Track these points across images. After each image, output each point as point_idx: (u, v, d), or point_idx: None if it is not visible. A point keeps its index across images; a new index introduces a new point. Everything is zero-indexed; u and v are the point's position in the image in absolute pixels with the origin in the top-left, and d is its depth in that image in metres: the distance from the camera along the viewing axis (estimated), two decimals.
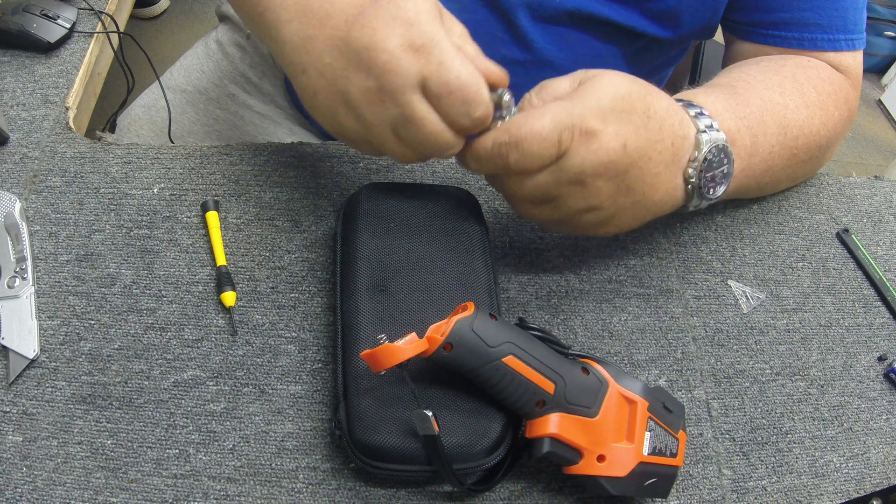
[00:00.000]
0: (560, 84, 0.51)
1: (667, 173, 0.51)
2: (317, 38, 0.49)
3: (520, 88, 0.52)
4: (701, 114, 0.54)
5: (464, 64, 0.46)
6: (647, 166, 0.50)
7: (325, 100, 0.49)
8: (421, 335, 0.46)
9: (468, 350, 0.45)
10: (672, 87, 1.16)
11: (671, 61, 0.80)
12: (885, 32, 2.45)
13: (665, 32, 0.69)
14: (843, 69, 0.68)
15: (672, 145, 0.51)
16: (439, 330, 0.46)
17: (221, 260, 0.58)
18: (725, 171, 0.54)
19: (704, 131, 0.52)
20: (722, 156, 0.53)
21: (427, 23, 0.46)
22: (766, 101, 0.59)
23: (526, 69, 0.71)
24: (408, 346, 0.45)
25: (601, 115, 0.47)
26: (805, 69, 0.65)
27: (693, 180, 0.52)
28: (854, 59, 0.68)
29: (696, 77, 1.00)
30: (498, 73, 0.48)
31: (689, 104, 0.54)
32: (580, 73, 0.51)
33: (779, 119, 0.59)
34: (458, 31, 0.49)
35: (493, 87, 0.48)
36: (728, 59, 0.74)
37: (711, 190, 0.54)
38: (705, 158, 0.52)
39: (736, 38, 0.72)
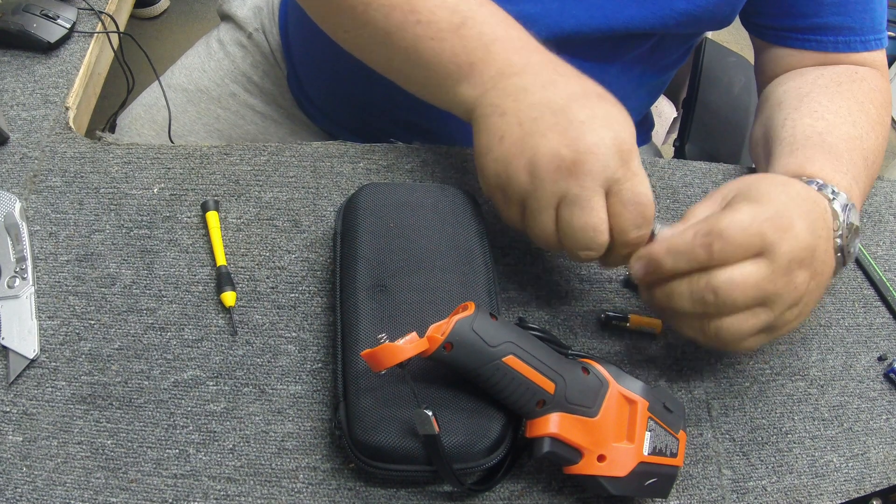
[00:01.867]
0: (704, 208, 0.53)
1: (828, 246, 0.53)
2: (531, 92, 0.52)
3: None
4: (821, 186, 0.56)
5: (649, 185, 0.50)
6: (822, 246, 0.52)
7: (509, 147, 0.51)
8: (421, 335, 0.46)
9: (468, 350, 0.45)
10: (673, 87, 1.16)
11: (676, 62, 0.80)
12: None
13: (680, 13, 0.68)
14: (874, 65, 0.70)
15: (824, 221, 0.53)
16: (440, 329, 0.46)
17: (221, 260, 0.58)
18: (855, 225, 0.56)
19: (833, 199, 0.54)
20: (850, 212, 0.55)
21: (632, 136, 0.50)
22: (849, 140, 0.61)
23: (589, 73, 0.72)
24: (408, 346, 0.45)
25: (790, 211, 0.50)
26: (857, 83, 0.67)
27: (840, 242, 0.54)
28: (881, 54, 0.71)
29: (696, 77, 1.00)
30: None
31: (806, 180, 0.56)
32: (721, 192, 0.53)
33: (861, 153, 0.62)
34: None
35: None
36: (762, 65, 0.76)
37: (852, 247, 0.56)
38: (844, 223, 0.54)
39: (770, 43, 0.73)
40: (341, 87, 0.79)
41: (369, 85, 0.74)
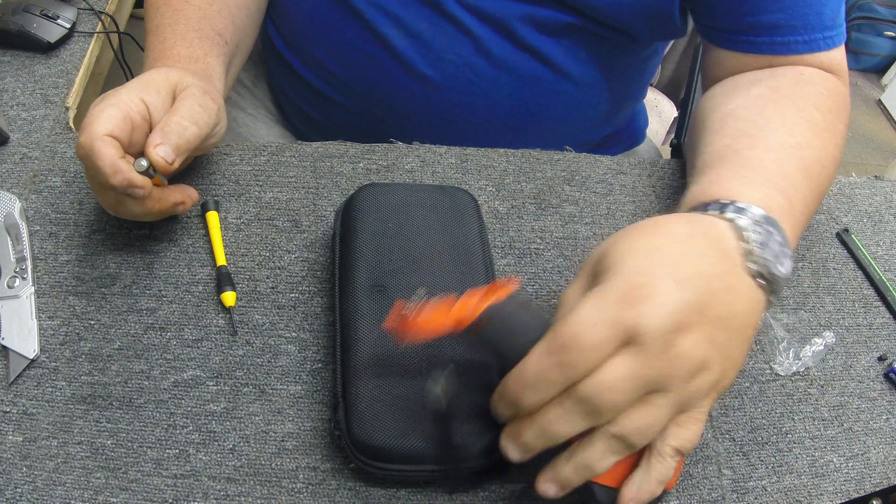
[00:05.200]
0: (574, 290, 0.46)
1: (733, 280, 0.44)
2: None
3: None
4: (722, 205, 0.48)
5: (90, 126, 0.50)
6: (719, 285, 0.43)
7: None
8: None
9: (510, 325, 0.44)
10: (674, 87, 1.16)
11: (647, 57, 0.80)
12: (885, 32, 2.45)
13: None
14: (831, 68, 0.63)
15: (720, 253, 0.45)
16: (477, 302, 0.44)
17: (221, 260, 0.58)
18: (780, 241, 0.46)
19: (736, 218, 0.46)
20: (768, 227, 0.47)
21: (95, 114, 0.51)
22: (779, 149, 0.54)
23: (547, 83, 0.72)
24: (448, 317, 0.44)
25: (650, 273, 0.42)
26: (800, 86, 0.60)
27: (756, 268, 0.45)
28: (839, 53, 0.63)
29: (694, 77, 1.00)
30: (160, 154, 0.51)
31: (703, 206, 0.50)
32: (589, 264, 0.46)
33: (798, 163, 0.54)
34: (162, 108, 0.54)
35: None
36: (706, 69, 0.71)
37: (780, 266, 0.46)
38: (757, 241, 0.45)
39: (713, 45, 0.67)
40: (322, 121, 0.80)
41: (350, 119, 0.75)
